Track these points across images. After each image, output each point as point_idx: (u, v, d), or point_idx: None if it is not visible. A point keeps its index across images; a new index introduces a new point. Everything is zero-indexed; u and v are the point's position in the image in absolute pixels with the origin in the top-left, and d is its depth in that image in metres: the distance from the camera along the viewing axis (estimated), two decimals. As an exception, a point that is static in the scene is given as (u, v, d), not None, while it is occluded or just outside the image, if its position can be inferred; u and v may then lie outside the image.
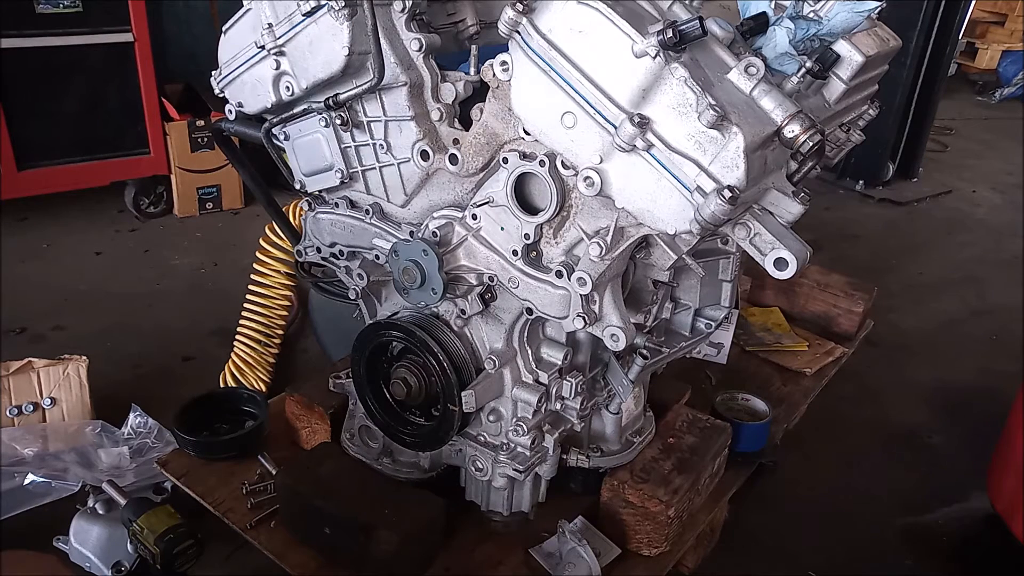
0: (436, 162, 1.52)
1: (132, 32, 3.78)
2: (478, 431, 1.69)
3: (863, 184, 5.35)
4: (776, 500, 2.40)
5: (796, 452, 2.50)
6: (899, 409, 2.96)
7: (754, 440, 2.05)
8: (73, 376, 2.37)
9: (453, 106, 1.50)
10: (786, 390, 2.40)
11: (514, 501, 1.76)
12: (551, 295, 1.43)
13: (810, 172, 1.33)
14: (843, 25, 1.37)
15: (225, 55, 1.67)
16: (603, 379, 1.72)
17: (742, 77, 1.24)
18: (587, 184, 1.28)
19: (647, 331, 1.67)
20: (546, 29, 1.24)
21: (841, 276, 2.78)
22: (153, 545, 1.77)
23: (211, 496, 1.84)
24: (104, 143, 3.93)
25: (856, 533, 2.35)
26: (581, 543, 1.63)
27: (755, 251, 1.28)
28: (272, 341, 2.69)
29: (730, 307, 1.82)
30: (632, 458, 1.79)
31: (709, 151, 1.17)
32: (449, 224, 1.54)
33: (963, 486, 2.54)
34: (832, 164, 1.70)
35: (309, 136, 1.67)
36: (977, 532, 2.40)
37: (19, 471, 2.15)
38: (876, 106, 1.74)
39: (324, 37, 1.44)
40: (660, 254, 1.49)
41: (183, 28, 4.56)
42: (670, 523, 1.69)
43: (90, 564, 1.91)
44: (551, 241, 1.44)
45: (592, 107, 1.22)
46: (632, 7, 1.26)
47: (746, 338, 2.60)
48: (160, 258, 3.79)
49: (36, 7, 3.53)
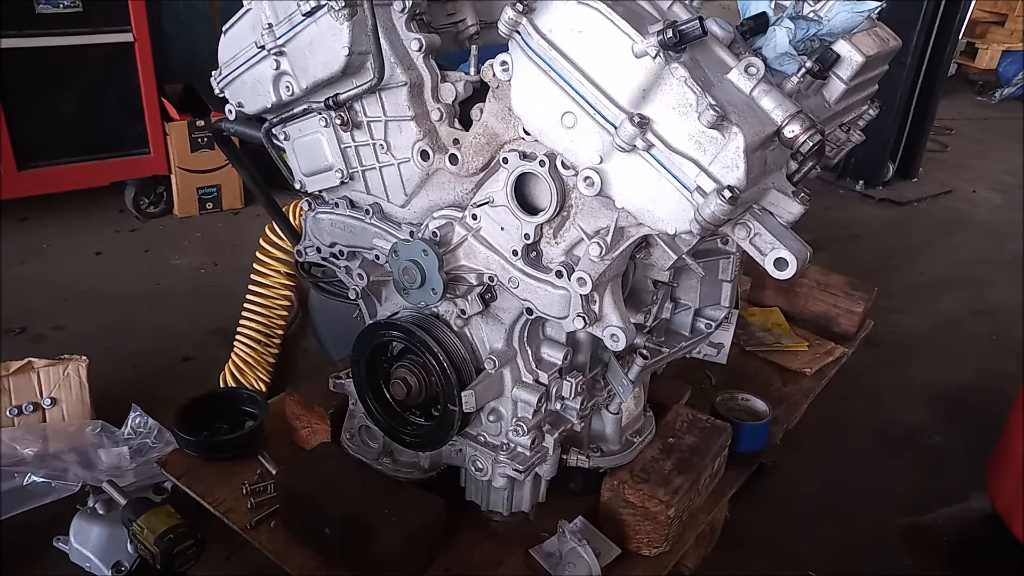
0: (436, 162, 1.52)
1: (132, 32, 3.78)
2: (478, 431, 1.69)
3: (863, 184, 5.35)
4: (776, 500, 2.40)
5: (796, 452, 2.50)
6: (899, 409, 2.96)
7: (754, 440, 2.05)
8: (73, 376, 2.37)
9: (453, 106, 1.50)
10: (786, 390, 2.40)
11: (514, 501, 1.76)
12: (551, 295, 1.43)
13: (810, 172, 1.33)
14: (843, 25, 1.37)
15: (225, 55, 1.67)
16: (603, 379, 1.72)
17: (742, 77, 1.24)
18: (587, 184, 1.28)
19: (647, 331, 1.67)
20: (546, 29, 1.24)
21: (841, 276, 2.78)
22: (153, 545, 1.77)
23: (211, 496, 1.84)
24: (104, 143, 3.93)
25: (856, 533, 2.35)
26: (581, 543, 1.63)
27: (755, 251, 1.28)
28: (272, 341, 2.69)
29: (730, 307, 1.82)
30: (632, 458, 1.79)
31: (709, 151, 1.17)
32: (449, 224, 1.54)
33: (963, 486, 2.54)
34: (832, 164, 1.70)
35: (309, 136, 1.67)
36: (977, 532, 2.40)
37: (19, 471, 2.15)
38: (876, 106, 1.74)
39: (324, 37, 1.44)
40: (660, 254, 1.49)
41: (183, 28, 4.56)
42: (670, 523, 1.69)
43: (90, 564, 1.91)
44: (551, 241, 1.44)
45: (592, 107, 1.22)
46: (632, 7, 1.26)
47: (746, 338, 2.60)
48: (160, 258, 3.79)
49: (36, 7, 3.53)
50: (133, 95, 3.91)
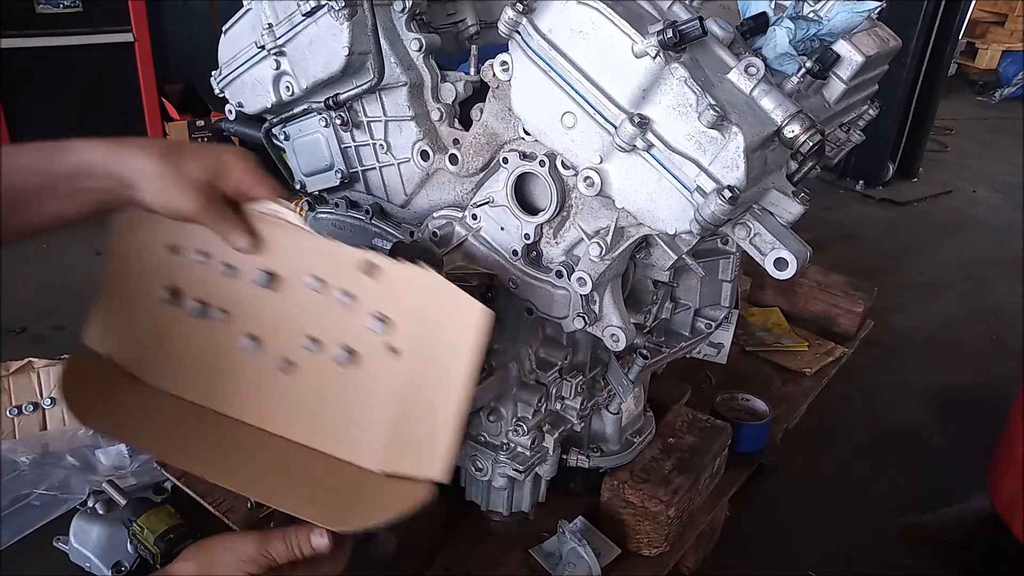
0: (436, 162, 1.52)
1: (132, 32, 3.78)
2: (478, 431, 1.68)
3: (863, 184, 5.35)
4: (776, 500, 2.40)
5: (796, 452, 2.50)
6: (899, 409, 2.96)
7: (754, 440, 2.05)
8: (73, 376, 2.36)
9: (453, 106, 1.50)
10: (786, 390, 2.40)
11: (514, 501, 1.76)
12: (551, 295, 1.43)
13: (810, 172, 1.33)
14: (843, 25, 1.37)
15: (225, 55, 1.67)
16: (603, 379, 1.72)
17: (742, 77, 1.24)
18: (587, 184, 1.28)
19: (647, 331, 1.67)
20: (546, 29, 1.24)
21: (841, 276, 2.78)
22: (153, 545, 1.77)
23: (211, 496, 1.84)
24: (104, 143, 3.93)
25: (856, 533, 2.35)
26: (581, 543, 1.63)
27: (755, 251, 1.28)
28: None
29: (730, 307, 1.82)
30: (632, 458, 1.79)
31: (709, 151, 1.17)
32: (449, 224, 1.54)
33: (963, 486, 2.54)
34: (832, 164, 1.70)
35: (309, 136, 1.67)
36: (977, 532, 2.40)
37: (24, 492, 2.16)
38: (876, 106, 1.74)
39: (324, 37, 1.44)
40: (660, 254, 1.49)
41: (183, 28, 4.56)
42: (670, 523, 1.69)
43: (90, 564, 1.91)
44: (551, 241, 1.44)
45: (592, 107, 1.22)
46: (632, 7, 1.26)
47: (746, 338, 2.60)
48: (160, 258, 3.78)
49: (36, 7, 3.54)
50: (133, 95, 3.91)
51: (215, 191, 1.02)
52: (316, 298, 1.09)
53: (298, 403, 1.12)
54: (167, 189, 0.98)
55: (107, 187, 0.98)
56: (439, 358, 1.03)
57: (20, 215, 0.96)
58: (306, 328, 1.10)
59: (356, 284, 1.07)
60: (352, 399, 1.09)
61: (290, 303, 1.10)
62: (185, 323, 1.15)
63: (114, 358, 1.21)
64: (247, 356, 1.12)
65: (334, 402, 1.10)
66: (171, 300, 1.15)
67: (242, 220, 1.06)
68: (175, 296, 1.15)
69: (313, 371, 1.10)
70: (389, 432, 1.06)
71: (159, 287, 1.15)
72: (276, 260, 1.09)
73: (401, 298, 1.05)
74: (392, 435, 1.06)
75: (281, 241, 1.08)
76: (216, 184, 1.02)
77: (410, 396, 1.05)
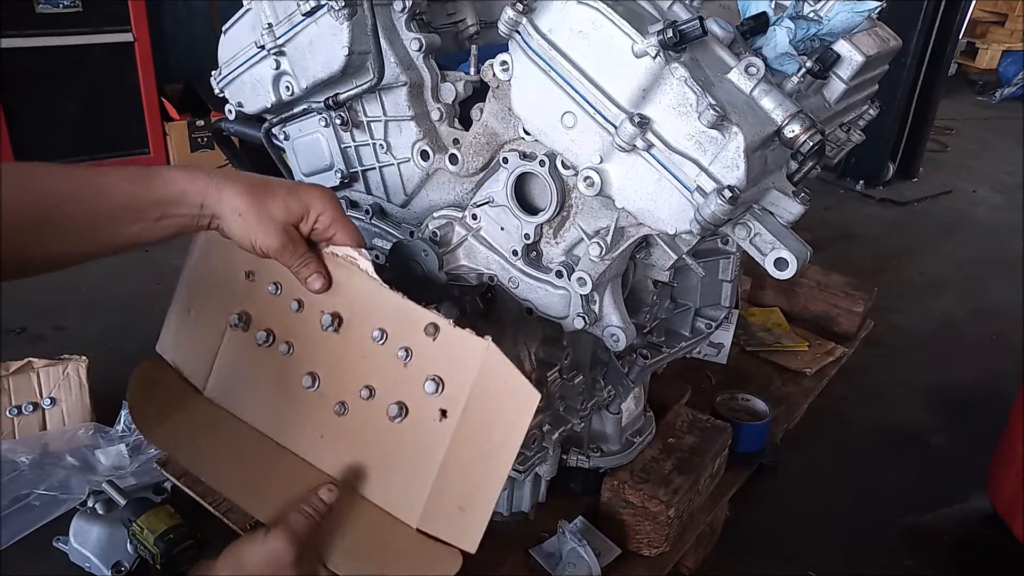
0: (436, 162, 1.52)
1: (132, 32, 3.79)
2: (478, 431, 1.68)
3: (863, 184, 5.35)
4: (776, 500, 2.40)
5: (796, 452, 2.50)
6: (899, 409, 2.96)
7: (754, 440, 2.05)
8: (73, 376, 2.37)
9: (453, 106, 1.50)
10: (786, 390, 2.40)
11: (514, 501, 1.76)
12: (551, 295, 1.43)
13: (810, 172, 1.33)
14: (843, 25, 1.37)
15: (225, 55, 1.67)
16: (603, 379, 1.72)
17: (742, 77, 1.24)
18: (587, 184, 1.28)
19: (647, 331, 1.67)
20: (546, 29, 1.24)
21: (841, 276, 2.78)
22: (153, 545, 1.77)
23: (211, 496, 1.83)
24: (104, 143, 3.93)
25: (856, 533, 2.35)
26: (581, 543, 1.63)
27: (755, 251, 1.28)
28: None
29: (730, 307, 1.82)
30: (632, 458, 1.79)
31: (709, 151, 1.17)
32: (449, 224, 1.53)
33: (963, 486, 2.54)
34: (832, 164, 1.70)
35: (309, 136, 1.67)
36: (977, 532, 2.40)
37: (24, 492, 2.15)
38: (876, 106, 1.74)
39: (324, 37, 1.44)
40: (660, 254, 1.49)
41: (183, 28, 4.56)
42: (670, 523, 1.69)
43: (90, 564, 1.91)
44: (551, 241, 1.44)
45: (592, 107, 1.22)
46: (632, 7, 1.26)
47: (746, 338, 2.60)
48: (160, 258, 3.78)
49: (36, 7, 3.54)
50: (133, 95, 3.92)
51: (296, 231, 1.05)
52: (377, 349, 1.10)
53: (348, 446, 1.14)
54: (250, 226, 1.01)
55: (193, 215, 1.01)
56: (487, 431, 1.04)
57: (99, 236, 0.97)
58: (364, 376, 1.11)
59: (417, 342, 1.08)
60: (399, 453, 1.10)
61: (352, 349, 1.12)
62: (251, 350, 1.18)
63: (181, 369, 1.26)
64: (306, 392, 1.15)
65: (382, 452, 1.11)
66: (241, 325, 1.19)
67: (319, 262, 1.08)
68: (244, 322, 1.19)
69: (365, 419, 1.12)
70: (430, 492, 1.07)
71: (232, 310, 1.19)
72: (345, 305, 1.11)
73: (458, 363, 1.06)
74: (432, 496, 1.07)
75: (352, 287, 1.10)
76: (298, 225, 1.04)
77: (454, 462, 1.06)
